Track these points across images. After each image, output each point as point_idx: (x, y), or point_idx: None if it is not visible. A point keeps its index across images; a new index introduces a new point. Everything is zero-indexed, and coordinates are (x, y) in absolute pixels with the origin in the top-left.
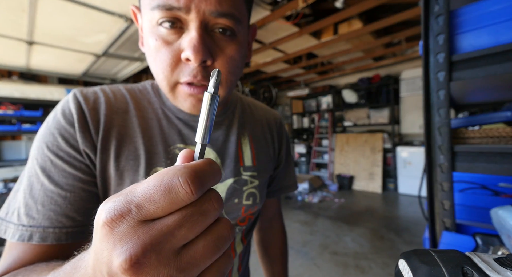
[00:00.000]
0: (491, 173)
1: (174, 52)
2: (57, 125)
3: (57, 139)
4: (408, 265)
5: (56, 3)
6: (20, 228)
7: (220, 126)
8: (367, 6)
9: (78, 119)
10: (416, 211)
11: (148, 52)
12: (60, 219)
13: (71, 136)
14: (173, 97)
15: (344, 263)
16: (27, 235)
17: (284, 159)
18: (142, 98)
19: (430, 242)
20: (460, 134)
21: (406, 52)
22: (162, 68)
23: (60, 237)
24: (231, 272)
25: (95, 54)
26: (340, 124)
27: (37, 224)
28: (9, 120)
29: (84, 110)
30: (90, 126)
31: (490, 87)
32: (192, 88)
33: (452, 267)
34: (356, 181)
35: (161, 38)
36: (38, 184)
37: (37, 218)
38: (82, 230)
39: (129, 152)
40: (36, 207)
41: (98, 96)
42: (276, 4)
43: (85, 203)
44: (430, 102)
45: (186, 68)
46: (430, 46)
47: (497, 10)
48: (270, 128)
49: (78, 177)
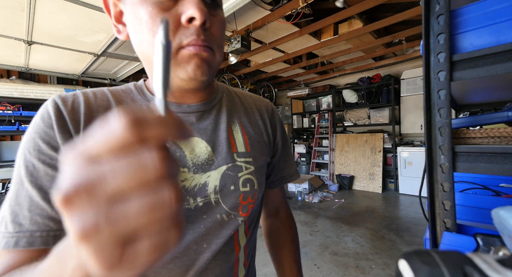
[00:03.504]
0: (492, 173)
1: (173, 17)
2: (37, 129)
3: (38, 143)
4: (409, 265)
5: (55, 2)
6: (6, 235)
7: (209, 115)
8: (368, 5)
9: (57, 120)
10: (417, 212)
11: (140, 27)
12: (47, 223)
13: (51, 138)
14: (175, 65)
15: (344, 263)
16: (12, 241)
17: (281, 147)
18: (125, 96)
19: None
20: (461, 134)
21: (406, 52)
22: None
23: (47, 241)
24: (237, 267)
25: (95, 53)
26: (340, 124)
27: (24, 230)
28: (8, 120)
29: (62, 112)
30: (69, 126)
31: (491, 87)
32: (197, 46)
33: (453, 267)
34: (356, 181)
35: (158, 6)
36: (23, 190)
37: (24, 223)
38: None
39: None
40: (22, 213)
41: (77, 97)
42: (276, 4)
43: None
44: (431, 102)
45: (188, 31)
46: (431, 45)
47: (498, 10)
48: (262, 115)
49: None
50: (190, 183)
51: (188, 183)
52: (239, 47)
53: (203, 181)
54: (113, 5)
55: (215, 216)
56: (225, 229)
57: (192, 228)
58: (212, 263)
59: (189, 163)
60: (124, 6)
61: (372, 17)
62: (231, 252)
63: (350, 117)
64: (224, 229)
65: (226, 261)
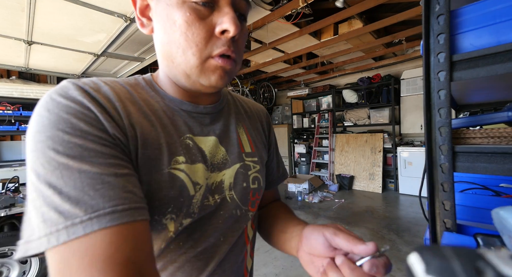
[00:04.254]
0: (492, 173)
1: (208, 26)
2: (67, 109)
3: (78, 123)
4: (421, 258)
5: (55, 2)
6: (84, 219)
7: (220, 117)
8: (368, 5)
9: (94, 104)
10: (417, 212)
11: (172, 28)
12: (123, 196)
13: (93, 120)
14: (200, 71)
15: None
16: (105, 220)
17: (274, 146)
18: (140, 91)
19: (430, 243)
20: (461, 134)
21: (406, 52)
22: (196, 41)
23: (133, 213)
24: (246, 258)
25: (95, 53)
26: (340, 124)
27: (100, 208)
28: (8, 120)
29: (95, 97)
30: (110, 111)
31: (491, 87)
32: (224, 60)
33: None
34: (356, 181)
35: (195, 13)
36: (73, 173)
37: (96, 203)
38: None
39: (152, 141)
40: (84, 196)
41: (99, 85)
42: (276, 4)
43: (134, 183)
44: (431, 102)
45: (219, 42)
46: (431, 45)
47: (498, 10)
48: (260, 118)
49: (119, 157)
50: (210, 182)
51: (209, 181)
52: None
53: (219, 179)
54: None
55: (230, 211)
56: (238, 223)
57: (212, 223)
58: (228, 254)
59: (208, 163)
60: (156, 3)
61: (372, 17)
62: (243, 244)
63: (350, 117)
64: (238, 223)
65: (239, 253)
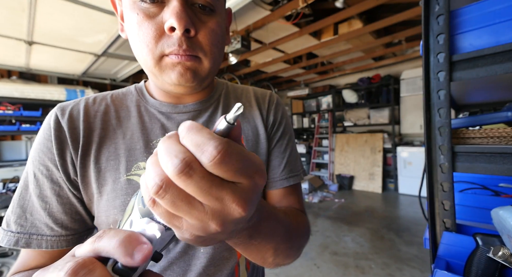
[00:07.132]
0: (491, 173)
1: (157, 25)
2: (40, 140)
3: (39, 154)
4: None
5: (56, 3)
6: (8, 234)
7: (204, 114)
8: (367, 6)
9: (55, 132)
10: (416, 211)
11: (130, 30)
12: (45, 227)
13: (49, 151)
14: (159, 71)
15: (344, 263)
16: (13, 240)
17: (280, 139)
18: (124, 98)
19: (430, 243)
20: (460, 134)
21: (406, 52)
22: (146, 41)
23: (52, 244)
24: (237, 271)
25: (95, 54)
26: (340, 124)
27: (24, 231)
28: (9, 120)
29: (60, 122)
30: (66, 135)
31: (491, 87)
32: (178, 56)
33: None
34: (356, 181)
35: (143, 12)
36: (27, 195)
37: (25, 225)
38: (68, 239)
39: (109, 153)
40: (25, 216)
41: (77, 103)
42: (276, 4)
43: (67, 213)
44: (431, 102)
45: (171, 40)
46: (431, 46)
47: (497, 10)
48: (258, 104)
49: (56, 191)
50: None
51: None
52: (239, 47)
53: None
54: (118, 3)
55: None
56: None
57: None
58: (211, 269)
59: None
60: (123, 8)
61: (372, 17)
62: (231, 257)
63: (350, 117)
64: None
65: (226, 267)
